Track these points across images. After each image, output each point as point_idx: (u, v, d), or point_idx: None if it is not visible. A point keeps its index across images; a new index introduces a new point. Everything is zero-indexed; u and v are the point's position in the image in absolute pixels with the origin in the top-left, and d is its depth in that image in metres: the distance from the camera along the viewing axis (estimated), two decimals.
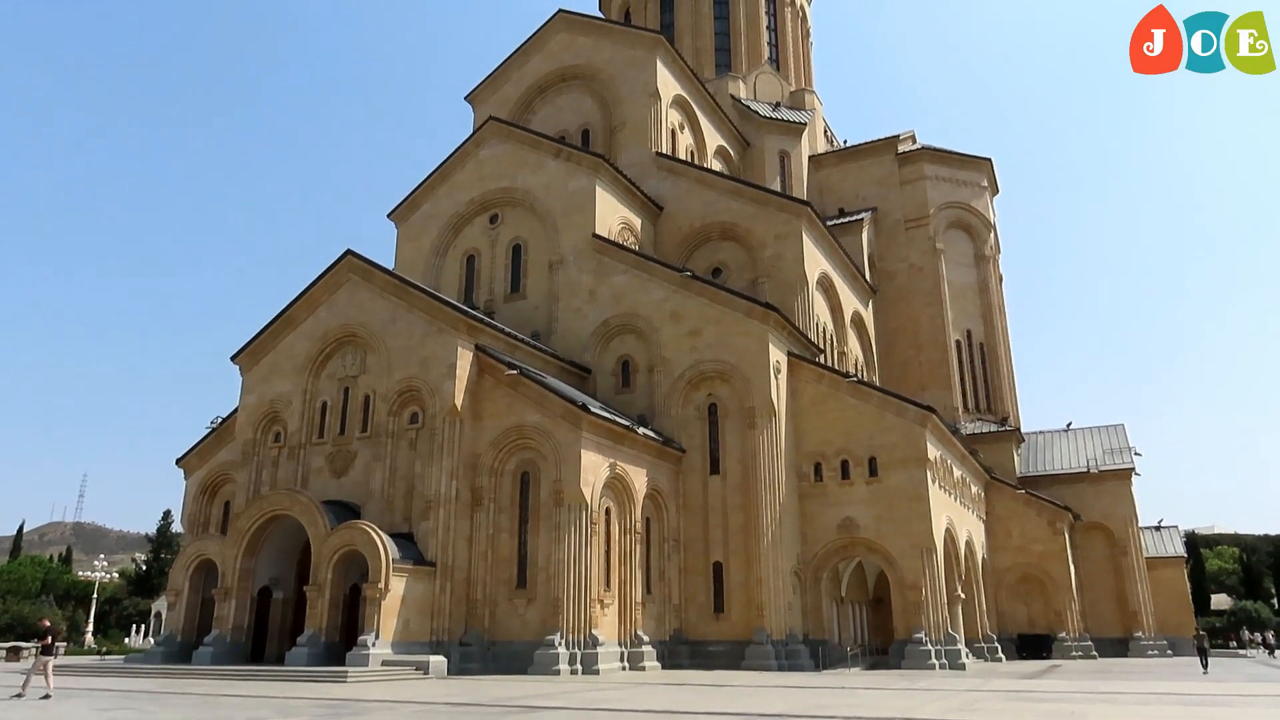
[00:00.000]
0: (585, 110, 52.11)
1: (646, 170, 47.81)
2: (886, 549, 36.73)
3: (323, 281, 35.38)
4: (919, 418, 37.67)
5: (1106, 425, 60.17)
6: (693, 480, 37.13)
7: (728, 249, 46.55)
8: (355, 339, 34.34)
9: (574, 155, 43.38)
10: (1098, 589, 53.43)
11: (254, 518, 31.50)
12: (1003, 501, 51.44)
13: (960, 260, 62.81)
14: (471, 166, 45.13)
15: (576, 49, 53.21)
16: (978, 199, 64.82)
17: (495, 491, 31.90)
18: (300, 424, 34.27)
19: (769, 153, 60.72)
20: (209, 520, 37.72)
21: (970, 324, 61.90)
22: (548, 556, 30.22)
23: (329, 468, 33.36)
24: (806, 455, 38.56)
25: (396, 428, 32.59)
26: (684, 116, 53.66)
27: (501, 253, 43.43)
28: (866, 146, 64.79)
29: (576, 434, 30.76)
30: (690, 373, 37.87)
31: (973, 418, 58.95)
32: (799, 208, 46.26)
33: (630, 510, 33.43)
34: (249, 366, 36.30)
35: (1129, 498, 54.76)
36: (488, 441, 32.06)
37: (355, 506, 31.76)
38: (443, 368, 32.03)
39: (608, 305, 40.04)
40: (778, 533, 35.54)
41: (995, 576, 49.99)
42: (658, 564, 35.32)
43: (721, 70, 65.09)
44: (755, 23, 67.46)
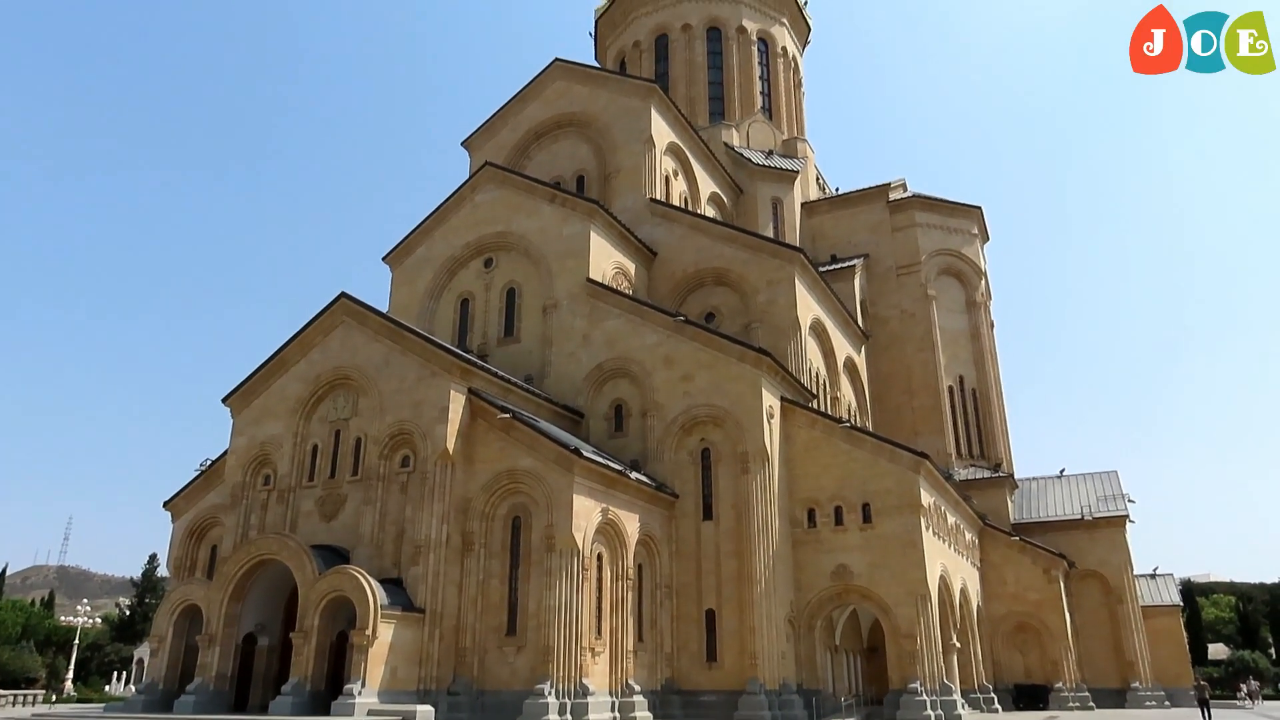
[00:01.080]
0: (580, 157, 52.72)
1: (641, 216, 48.25)
2: (881, 597, 36.39)
3: (316, 324, 35.41)
4: (912, 464, 37.59)
5: (1100, 472, 60.12)
6: (686, 526, 36.87)
7: (721, 294, 46.79)
8: (348, 382, 34.26)
9: (569, 201, 43.80)
10: (1094, 638, 52.90)
11: (241, 562, 31.08)
12: (997, 549, 51.12)
13: (952, 306, 63.24)
14: (467, 211, 45.51)
15: (572, 97, 54.01)
16: (968, 246, 65.48)
17: (486, 536, 31.60)
18: (290, 467, 34.03)
19: (762, 199, 61.38)
20: (195, 564, 37.19)
21: (962, 370, 62.11)
22: (539, 603, 29.84)
23: (319, 511, 33.06)
24: (800, 501, 38.37)
25: (387, 471, 32.37)
26: (678, 163, 54.32)
27: (496, 296, 43.60)
28: (858, 194, 65.57)
29: (569, 479, 30.58)
30: (683, 417, 37.83)
31: (966, 464, 58.87)
32: (791, 254, 46.64)
33: (623, 556, 33.12)
34: (240, 409, 36.14)
35: (1124, 545, 54.51)
36: (479, 486, 31.85)
37: (344, 551, 31.40)
38: (435, 411, 31.93)
39: (601, 349, 40.11)
40: (771, 580, 35.22)
41: (991, 625, 49.48)
42: (650, 611, 34.90)
43: (715, 118, 66.07)
44: (748, 73, 68.64)
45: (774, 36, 71.42)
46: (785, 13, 73.16)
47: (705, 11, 69.44)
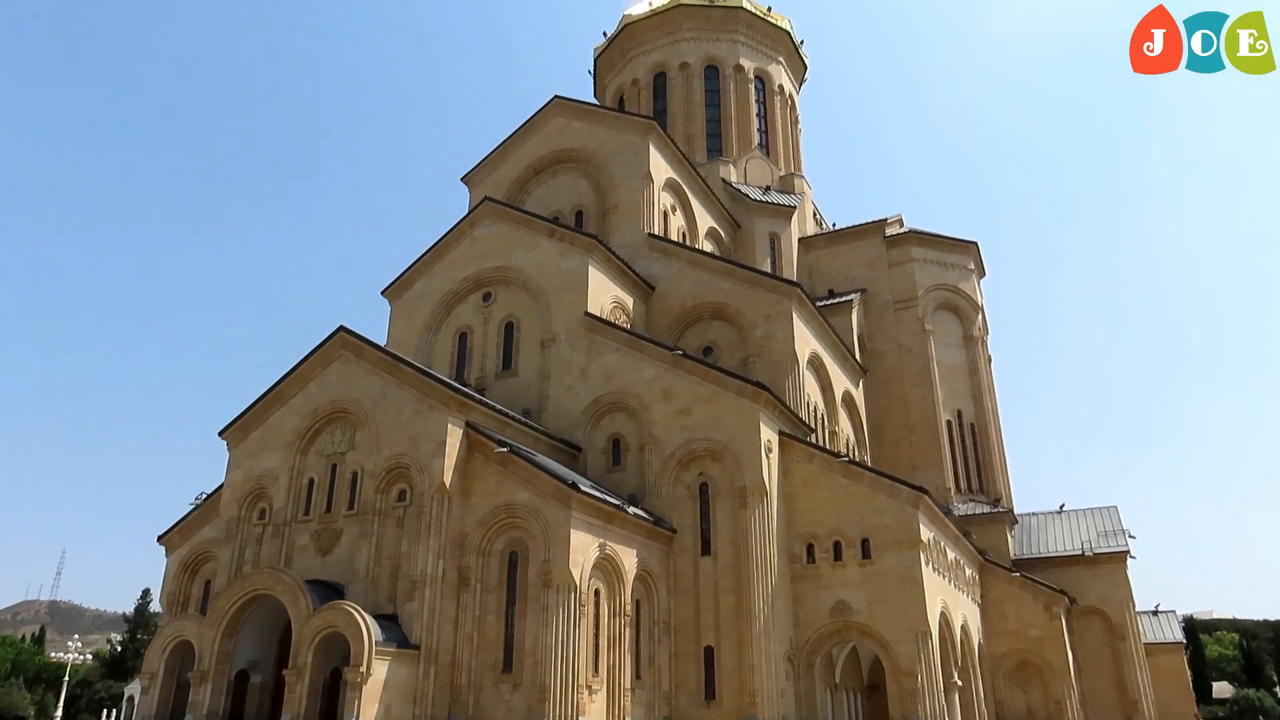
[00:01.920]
0: (579, 192, 53.12)
1: (639, 251, 48.50)
2: (881, 634, 36.02)
3: (314, 357, 35.42)
4: (911, 499, 37.42)
5: (1100, 507, 59.76)
6: (684, 561, 36.59)
7: (718, 328, 46.89)
8: (345, 415, 34.19)
9: (567, 235, 44.05)
10: (1097, 676, 52.24)
11: (235, 597, 30.78)
12: (997, 585, 50.67)
13: (949, 341, 63.36)
14: (466, 245, 45.75)
15: (571, 133, 54.53)
16: (965, 281, 65.79)
17: (483, 572, 31.34)
18: (286, 501, 33.84)
19: (759, 235, 61.74)
20: (189, 599, 36.87)
21: (960, 404, 62.06)
22: (535, 639, 29.51)
23: (314, 546, 32.81)
24: (798, 536, 38.13)
25: (384, 505, 32.19)
26: (676, 199, 54.72)
27: (494, 330, 43.69)
28: (855, 229, 65.97)
29: (566, 513, 30.40)
30: (681, 452, 37.71)
31: (965, 499, 58.59)
32: (789, 288, 46.82)
33: (620, 592, 32.82)
34: (237, 442, 36.03)
35: (1125, 581, 54.03)
36: (476, 520, 31.65)
37: (339, 586, 31.12)
38: (432, 445, 31.83)
39: (599, 383, 40.10)
40: (770, 616, 34.88)
41: (992, 662, 48.91)
42: (647, 648, 34.51)
43: (713, 155, 66.71)
44: (745, 110, 69.42)
45: (771, 75, 72.36)
46: (781, 51, 74.17)
47: (703, 50, 70.39)
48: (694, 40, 70.52)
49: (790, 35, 74.96)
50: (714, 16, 71.28)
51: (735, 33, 71.22)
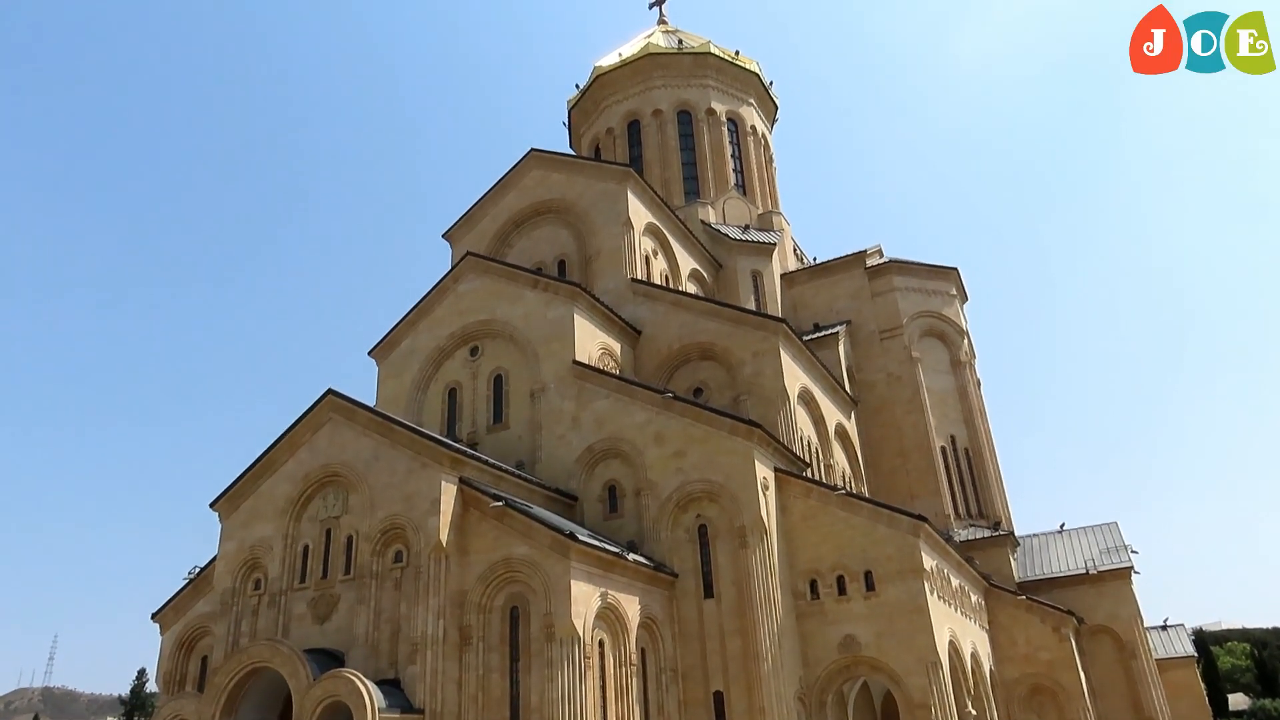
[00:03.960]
0: (561, 241, 53.50)
1: (623, 296, 48.73)
2: (891, 667, 35.59)
3: (304, 422, 35.24)
4: (911, 528, 37.25)
5: (1100, 524, 59.68)
6: (687, 605, 36.20)
7: (707, 369, 46.96)
8: (337, 479, 33.93)
9: (551, 285, 44.26)
10: (1111, 696, 51.65)
11: (232, 672, 30.21)
12: (1004, 609, 50.26)
13: (937, 367, 63.63)
14: (450, 301, 45.87)
15: (550, 184, 55.08)
16: (948, 307, 66.29)
17: (484, 629, 30.90)
18: (281, 569, 33.41)
19: (741, 273, 62.17)
20: (186, 677, 36.16)
21: (954, 429, 62.13)
22: (541, 696, 29.01)
23: (311, 613, 32.32)
24: (801, 573, 37.83)
25: (380, 568, 31.81)
26: (657, 243, 55.17)
27: (483, 384, 43.63)
28: (836, 263, 66.54)
29: (565, 564, 30.11)
30: (678, 494, 37.51)
31: (965, 524, 58.36)
32: (775, 325, 47.05)
33: (625, 641, 32.39)
34: (228, 513, 35.65)
35: (1131, 597, 53.73)
36: (475, 577, 31.29)
37: (339, 654, 30.61)
38: (426, 503, 31.58)
39: (591, 431, 39.99)
40: (778, 656, 34.44)
41: (1005, 689, 48.29)
42: (656, 697, 33.96)
43: (690, 197, 67.42)
44: (720, 152, 70.42)
45: (743, 116, 73.56)
46: (752, 93, 75.51)
47: (675, 97, 71.58)
48: (665, 87, 71.74)
49: (759, 77, 76.38)
50: (684, 63, 72.60)
51: (705, 78, 72.52)
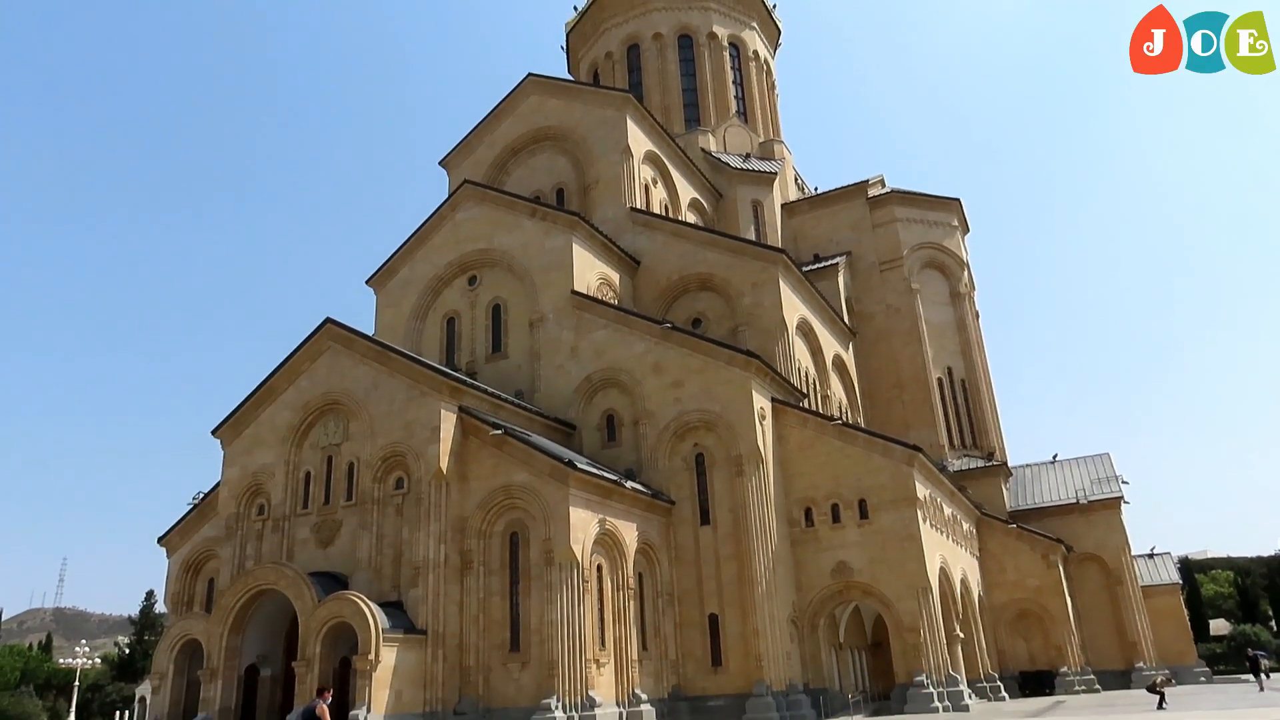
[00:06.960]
0: (559, 170, 52.78)
1: (622, 226, 48.33)
2: (882, 591, 36.46)
3: (303, 351, 35.30)
4: (906, 457, 37.71)
5: (1092, 455, 60.44)
6: (684, 532, 36.86)
7: (706, 299, 46.87)
8: (337, 407, 34.16)
9: (550, 214, 43.85)
10: (1096, 621, 53.10)
11: (239, 594, 30.91)
12: (995, 537, 51.29)
13: (936, 299, 63.51)
14: (448, 230, 45.50)
15: (548, 111, 54.10)
16: (949, 238, 65.84)
17: (484, 554, 31.52)
18: (284, 495, 33.89)
19: (742, 203, 61.56)
20: (193, 598, 36.97)
21: (950, 361, 62.37)
22: (541, 618, 29.78)
23: (315, 538, 32.92)
24: (796, 501, 38.43)
25: (382, 494, 32.27)
26: (656, 172, 54.45)
27: (481, 313, 43.57)
28: (837, 192, 65.84)
29: (564, 491, 30.56)
30: (675, 424, 37.85)
31: (959, 454, 59.07)
32: (774, 255, 46.79)
33: (622, 566, 33.08)
34: (230, 440, 35.98)
35: (1120, 527, 54.78)
36: (475, 504, 31.78)
37: (343, 577, 31.27)
38: (426, 431, 31.87)
39: (590, 361, 40.11)
40: (772, 581, 35.24)
41: (993, 614, 49.61)
42: (652, 619, 34.86)
43: (691, 125, 66.29)
44: (721, 78, 68.96)
45: (745, 41, 71.82)
46: (755, 16, 73.59)
47: (675, 20, 69.76)
48: (666, 10, 69.85)
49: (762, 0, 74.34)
50: None
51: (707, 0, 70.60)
